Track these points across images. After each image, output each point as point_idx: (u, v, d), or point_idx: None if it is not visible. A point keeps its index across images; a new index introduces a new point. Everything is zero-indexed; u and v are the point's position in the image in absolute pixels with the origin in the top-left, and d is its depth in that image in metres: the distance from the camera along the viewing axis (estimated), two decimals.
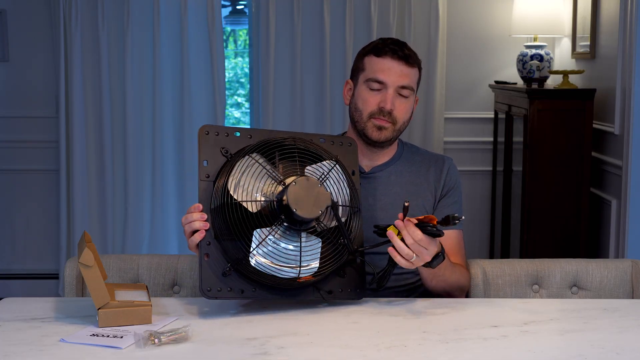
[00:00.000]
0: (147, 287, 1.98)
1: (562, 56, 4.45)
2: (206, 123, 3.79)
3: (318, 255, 1.90)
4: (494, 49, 4.65)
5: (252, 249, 1.84)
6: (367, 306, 1.96)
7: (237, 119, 5.47)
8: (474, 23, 4.65)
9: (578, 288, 2.25)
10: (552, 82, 4.24)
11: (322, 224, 1.92)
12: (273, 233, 1.86)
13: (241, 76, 5.52)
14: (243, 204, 1.85)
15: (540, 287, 2.25)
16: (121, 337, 1.71)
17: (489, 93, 4.65)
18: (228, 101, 5.05)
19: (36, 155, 4.65)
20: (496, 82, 4.47)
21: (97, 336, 1.72)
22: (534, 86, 3.93)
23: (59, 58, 4.46)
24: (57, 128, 4.55)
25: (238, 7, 5.07)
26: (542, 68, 4.12)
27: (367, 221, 2.04)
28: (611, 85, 3.62)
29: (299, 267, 1.88)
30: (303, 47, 4.56)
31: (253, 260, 1.85)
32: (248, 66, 4.77)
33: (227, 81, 5.03)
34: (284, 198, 1.85)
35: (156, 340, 1.67)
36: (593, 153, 3.77)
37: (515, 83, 4.32)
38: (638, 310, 1.96)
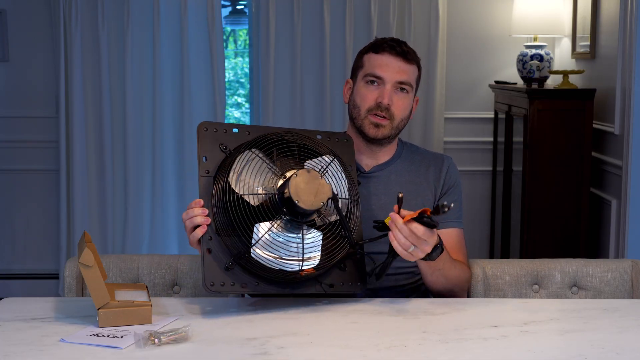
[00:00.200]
0: (147, 287, 1.98)
1: (562, 56, 4.45)
2: None
3: (320, 247, 1.91)
4: (494, 49, 4.65)
5: (254, 243, 1.85)
6: (367, 306, 1.96)
7: (237, 119, 5.47)
8: (474, 23, 4.65)
9: (578, 288, 2.25)
10: (552, 82, 4.24)
11: (323, 217, 1.92)
12: (275, 226, 1.86)
13: (241, 76, 5.52)
14: (245, 198, 1.86)
15: (540, 287, 2.25)
16: (121, 337, 1.71)
17: (489, 93, 4.65)
18: (228, 101, 5.05)
19: (36, 155, 4.65)
20: (496, 82, 4.47)
21: (97, 336, 1.72)
22: (534, 86, 3.93)
23: (59, 58, 4.46)
24: (57, 128, 4.55)
25: (238, 7, 5.07)
26: (542, 68, 4.12)
27: (367, 221, 2.03)
28: (611, 85, 3.62)
29: (302, 260, 1.88)
30: (303, 47, 4.56)
31: (255, 253, 1.85)
32: (248, 66, 4.77)
33: (227, 81, 5.03)
34: (286, 190, 1.85)
35: (156, 340, 1.67)
36: (593, 153, 3.77)
37: (515, 83, 4.32)
38: (638, 310, 1.96)
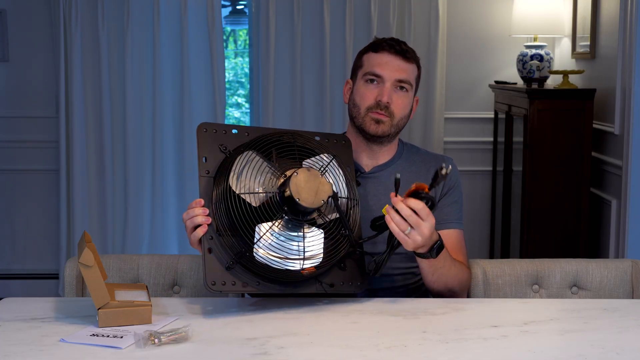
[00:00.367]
0: (147, 287, 1.98)
1: (562, 56, 4.45)
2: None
3: (321, 246, 1.91)
4: (494, 49, 4.65)
5: (255, 242, 1.85)
6: (367, 306, 1.96)
7: (237, 119, 5.47)
8: (474, 23, 4.65)
9: (578, 288, 2.25)
10: (552, 82, 4.24)
11: (324, 215, 1.92)
12: (276, 225, 1.86)
13: (241, 76, 5.52)
14: (245, 198, 1.86)
15: (540, 287, 2.25)
16: (121, 337, 1.71)
17: (489, 93, 4.65)
18: (228, 101, 5.05)
19: (36, 155, 4.65)
20: (496, 82, 4.47)
21: (97, 336, 1.72)
22: (534, 86, 3.93)
23: (59, 58, 4.46)
24: (57, 128, 4.55)
25: (238, 7, 5.07)
26: (542, 68, 4.12)
27: (367, 221, 2.02)
28: (611, 85, 3.62)
29: (303, 259, 1.88)
30: (303, 47, 4.56)
31: (256, 253, 1.85)
32: (248, 66, 4.77)
33: (227, 81, 5.03)
34: (286, 189, 1.86)
35: (156, 340, 1.67)
36: (593, 153, 3.77)
37: (515, 83, 4.32)
38: (638, 310, 1.96)
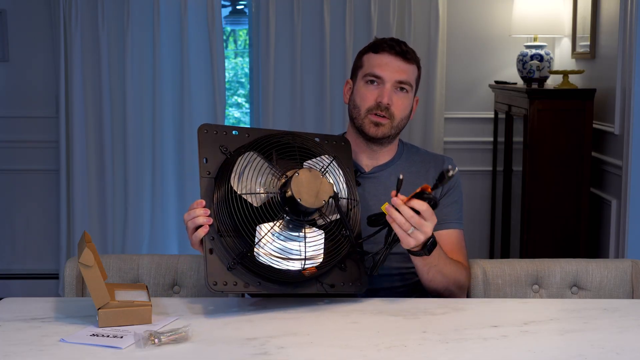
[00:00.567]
0: (147, 287, 1.98)
1: (562, 56, 4.45)
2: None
3: (322, 246, 1.91)
4: (494, 49, 4.65)
5: (257, 242, 1.85)
6: (367, 306, 1.96)
7: (237, 119, 5.47)
8: (474, 23, 4.65)
9: (578, 288, 2.25)
10: (552, 82, 4.24)
11: (325, 216, 1.92)
12: (277, 225, 1.86)
13: (241, 76, 5.52)
14: (247, 199, 1.86)
15: (540, 287, 2.25)
16: (121, 337, 1.71)
17: (489, 93, 4.65)
18: (228, 101, 5.05)
19: (36, 155, 4.65)
20: (496, 82, 4.47)
21: (97, 336, 1.72)
22: (534, 86, 3.93)
23: (59, 58, 4.46)
24: (57, 128, 4.55)
25: (238, 7, 5.07)
26: (542, 68, 4.12)
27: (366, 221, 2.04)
28: (611, 85, 3.62)
29: (304, 259, 1.88)
30: (303, 47, 4.56)
31: (258, 253, 1.85)
32: (248, 66, 4.77)
33: (227, 81, 5.03)
34: (287, 190, 1.86)
35: (156, 340, 1.67)
36: (593, 153, 3.77)
37: (515, 83, 4.32)
38: (638, 310, 1.96)
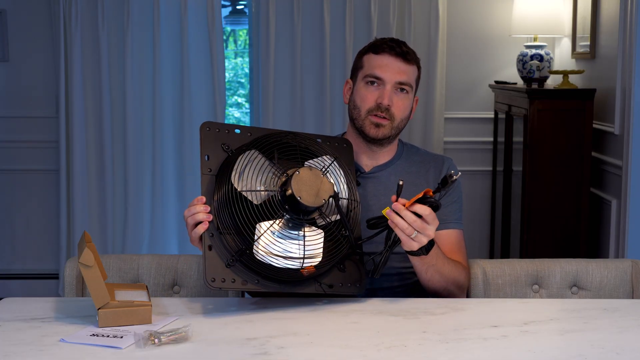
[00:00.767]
0: (147, 287, 1.98)
1: (562, 56, 4.45)
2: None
3: (321, 246, 1.91)
4: (494, 49, 4.65)
5: (256, 239, 1.85)
6: (367, 306, 1.96)
7: (237, 119, 5.47)
8: (474, 23, 4.65)
9: (578, 288, 2.25)
10: (552, 82, 4.24)
11: (325, 216, 1.92)
12: (277, 223, 1.86)
13: (241, 76, 5.52)
14: (247, 196, 1.86)
15: (540, 287, 2.25)
16: (121, 337, 1.71)
17: (489, 93, 4.65)
18: (228, 101, 5.05)
19: (36, 155, 4.65)
20: (496, 82, 4.47)
21: (97, 336, 1.72)
22: (534, 86, 3.93)
23: (59, 58, 4.46)
24: (57, 128, 4.55)
25: (238, 7, 5.07)
26: (542, 68, 4.12)
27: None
28: (611, 85, 3.62)
29: (303, 258, 1.88)
30: (303, 47, 4.56)
31: (257, 251, 1.85)
32: (248, 66, 4.77)
33: (227, 81, 5.03)
34: (288, 188, 1.86)
35: (156, 340, 1.67)
36: (593, 153, 3.77)
37: (515, 83, 4.32)
38: (638, 310, 1.96)
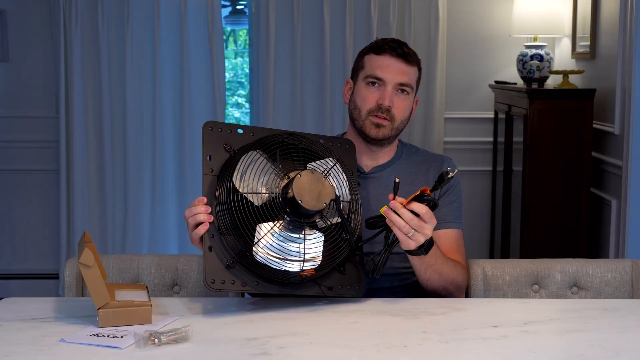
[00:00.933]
0: (147, 287, 1.98)
1: (562, 56, 4.45)
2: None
3: (321, 249, 1.91)
4: (494, 49, 4.65)
5: (256, 241, 1.85)
6: (367, 306, 1.96)
7: (237, 119, 5.47)
8: (474, 23, 4.65)
9: (578, 288, 2.25)
10: (552, 82, 4.24)
11: (325, 218, 1.92)
12: (277, 226, 1.86)
13: (241, 76, 5.52)
14: (248, 198, 1.86)
15: (540, 287, 2.25)
16: (121, 337, 1.71)
17: (489, 93, 4.65)
18: (228, 101, 5.05)
19: (36, 155, 4.65)
20: (496, 82, 4.47)
21: (97, 336, 1.72)
22: (534, 86, 3.93)
23: (59, 58, 4.46)
24: (57, 128, 4.55)
25: (238, 7, 5.07)
26: (542, 68, 4.12)
27: None
28: (611, 85, 3.62)
29: (302, 261, 1.88)
30: (303, 47, 4.56)
31: (257, 253, 1.85)
32: (248, 66, 4.77)
33: (227, 81, 5.03)
34: (289, 191, 1.86)
35: (156, 340, 1.67)
36: (593, 153, 3.77)
37: (515, 83, 4.32)
38: (638, 310, 1.96)
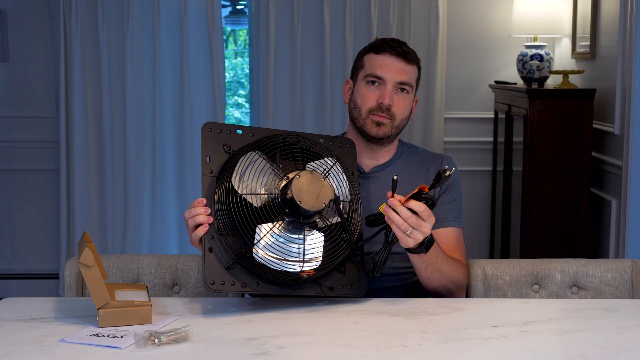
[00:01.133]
0: (147, 287, 1.98)
1: (562, 56, 4.45)
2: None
3: (321, 249, 1.91)
4: (494, 49, 4.65)
5: (256, 243, 1.85)
6: (367, 306, 1.96)
7: (237, 119, 5.47)
8: (474, 23, 4.65)
9: (578, 288, 2.25)
10: (552, 82, 4.24)
11: (325, 219, 1.92)
12: (277, 226, 1.86)
13: (241, 76, 5.52)
14: (247, 199, 1.86)
15: (540, 287, 2.25)
16: (121, 337, 1.71)
17: (489, 93, 4.65)
18: (228, 101, 5.05)
19: (36, 155, 4.65)
20: (496, 82, 4.47)
21: (97, 336, 1.72)
22: (534, 86, 3.93)
23: (59, 58, 4.46)
24: (57, 128, 4.55)
25: (238, 7, 5.07)
26: (542, 68, 4.12)
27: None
28: (611, 85, 3.62)
29: (302, 261, 1.88)
30: (303, 47, 4.56)
31: (256, 254, 1.85)
32: (248, 66, 4.77)
33: (227, 81, 5.03)
34: (288, 191, 1.86)
35: (156, 340, 1.67)
36: (593, 153, 3.77)
37: (515, 83, 4.32)
38: (638, 310, 1.96)
